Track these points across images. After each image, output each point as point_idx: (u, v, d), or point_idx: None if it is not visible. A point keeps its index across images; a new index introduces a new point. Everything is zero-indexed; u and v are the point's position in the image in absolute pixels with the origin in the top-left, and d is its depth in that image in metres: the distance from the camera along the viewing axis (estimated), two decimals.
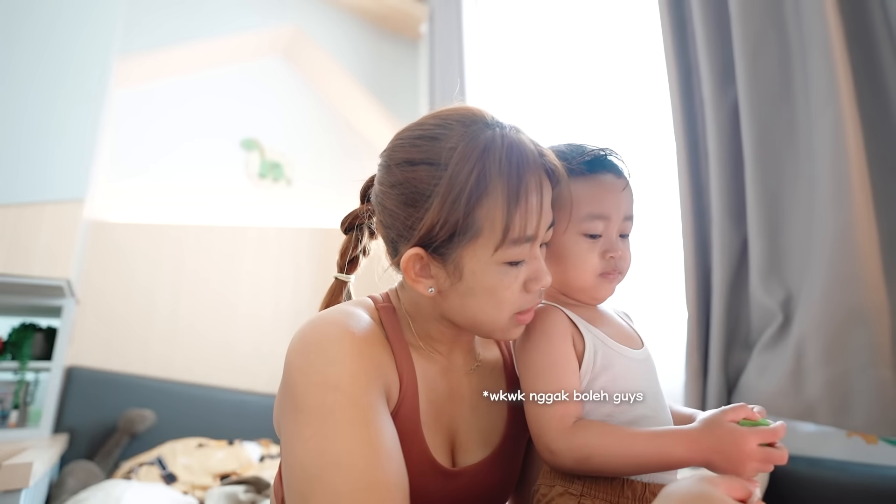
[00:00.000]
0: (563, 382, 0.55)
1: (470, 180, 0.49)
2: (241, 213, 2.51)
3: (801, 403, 0.96)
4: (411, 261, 0.53)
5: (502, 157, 0.50)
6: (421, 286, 0.54)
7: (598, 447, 0.51)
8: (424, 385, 0.58)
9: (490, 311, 0.53)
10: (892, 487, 0.91)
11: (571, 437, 0.52)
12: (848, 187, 0.91)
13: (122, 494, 1.39)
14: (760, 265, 1.08)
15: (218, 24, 2.45)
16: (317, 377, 0.49)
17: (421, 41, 2.95)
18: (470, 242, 0.51)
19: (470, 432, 0.61)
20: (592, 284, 0.60)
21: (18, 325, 1.90)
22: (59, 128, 1.78)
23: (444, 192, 0.50)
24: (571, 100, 1.80)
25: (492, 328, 0.55)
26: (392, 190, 0.54)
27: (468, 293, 0.53)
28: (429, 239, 0.51)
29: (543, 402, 0.54)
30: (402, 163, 0.54)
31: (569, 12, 1.87)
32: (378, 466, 0.45)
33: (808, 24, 1.01)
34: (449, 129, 0.53)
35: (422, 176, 0.52)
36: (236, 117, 2.63)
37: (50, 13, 1.85)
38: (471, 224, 0.50)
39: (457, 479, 0.57)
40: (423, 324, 0.60)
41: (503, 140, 0.51)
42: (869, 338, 0.88)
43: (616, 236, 0.61)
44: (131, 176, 2.32)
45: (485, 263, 0.51)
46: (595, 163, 0.61)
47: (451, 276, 0.53)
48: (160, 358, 2.14)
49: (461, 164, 0.49)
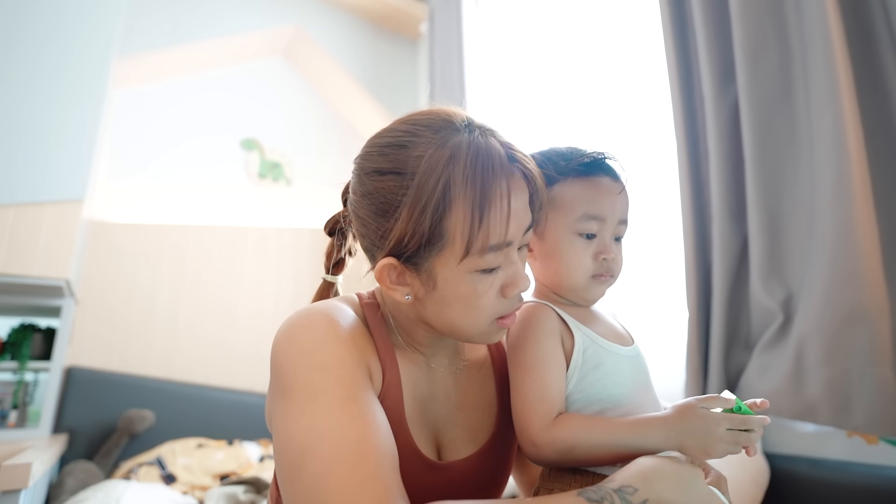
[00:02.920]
0: (548, 379, 0.57)
1: (437, 191, 0.49)
2: (241, 213, 2.51)
3: (802, 403, 0.95)
4: (385, 270, 0.53)
5: (467, 166, 0.49)
6: (397, 294, 0.54)
7: (579, 438, 0.53)
8: (408, 383, 0.58)
9: (468, 317, 0.53)
10: (892, 487, 0.91)
11: (554, 430, 0.54)
12: (848, 186, 0.91)
13: (122, 495, 1.39)
14: (761, 265, 1.08)
15: (218, 25, 2.45)
16: (303, 360, 0.50)
17: (421, 41, 2.95)
18: (440, 252, 0.51)
19: (456, 431, 0.61)
20: (584, 285, 0.61)
21: (18, 325, 1.89)
22: (58, 128, 1.78)
23: (411, 203, 0.49)
24: (572, 99, 1.80)
25: (471, 333, 0.55)
26: (364, 199, 0.55)
27: (443, 302, 0.53)
28: (400, 249, 0.51)
29: (529, 398, 0.56)
30: (372, 172, 0.54)
31: (569, 12, 1.86)
32: (367, 437, 0.46)
33: (808, 23, 1.01)
34: (417, 135, 0.52)
35: (390, 186, 0.51)
36: (236, 117, 2.63)
37: (50, 13, 1.85)
38: (440, 234, 0.50)
39: (444, 472, 0.58)
40: (405, 326, 0.60)
41: (469, 147, 0.50)
42: (869, 337, 0.88)
43: (610, 239, 0.62)
44: (131, 176, 2.32)
45: (457, 272, 0.51)
46: (592, 165, 0.62)
47: (425, 285, 0.53)
48: (160, 358, 2.14)
49: (427, 174, 0.49)
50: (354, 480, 0.43)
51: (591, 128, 1.72)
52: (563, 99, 1.84)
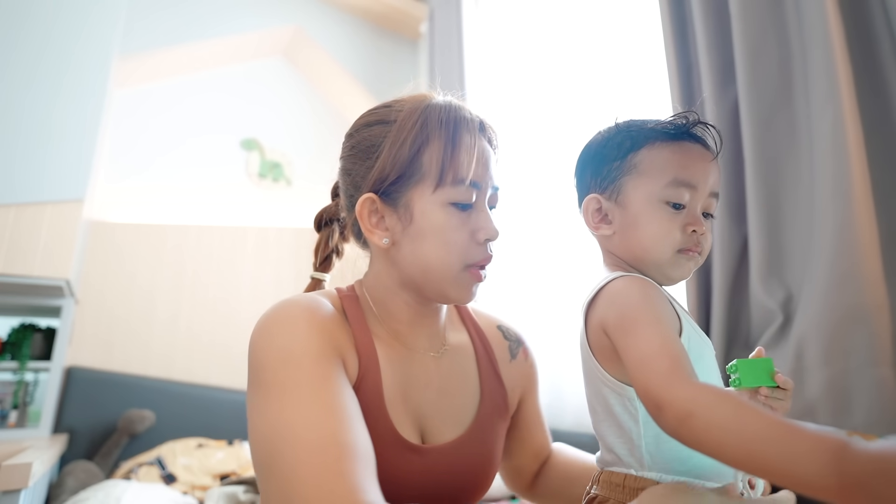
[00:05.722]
0: (668, 335, 0.47)
1: (415, 129, 0.57)
2: (241, 214, 2.51)
3: (802, 403, 0.95)
4: (365, 205, 0.59)
5: (443, 111, 0.58)
6: (376, 237, 0.59)
7: (705, 405, 0.40)
8: (387, 369, 0.59)
9: (441, 254, 0.57)
10: None
11: (680, 386, 0.43)
12: (848, 186, 0.91)
13: (122, 495, 1.39)
14: (760, 265, 1.08)
15: (218, 25, 2.45)
16: (275, 353, 0.52)
17: (421, 41, 2.95)
18: (417, 184, 0.57)
19: (438, 415, 0.62)
20: (669, 260, 0.55)
21: (18, 325, 1.90)
22: (58, 128, 1.78)
23: (392, 139, 0.58)
24: (572, 99, 1.80)
25: (443, 276, 0.57)
26: (351, 151, 0.62)
27: (419, 236, 0.57)
28: (380, 183, 0.58)
29: (646, 353, 0.46)
30: (360, 127, 0.63)
31: (569, 11, 1.86)
32: (334, 427, 0.47)
33: (808, 23, 1.01)
34: (400, 100, 0.62)
35: (375, 132, 0.60)
36: (236, 117, 2.63)
37: (50, 13, 1.85)
38: (417, 167, 0.57)
39: (427, 456, 0.58)
40: (385, 299, 0.62)
41: (446, 101, 0.60)
42: (869, 337, 0.88)
43: (700, 212, 0.56)
44: (131, 176, 2.32)
45: (432, 203, 0.57)
46: (684, 129, 0.57)
47: (402, 220, 0.58)
48: (160, 358, 2.14)
49: (408, 117, 0.58)
50: (326, 474, 0.44)
51: (590, 127, 1.71)
52: (563, 98, 1.84)
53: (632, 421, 0.52)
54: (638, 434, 0.51)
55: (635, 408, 0.52)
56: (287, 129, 2.76)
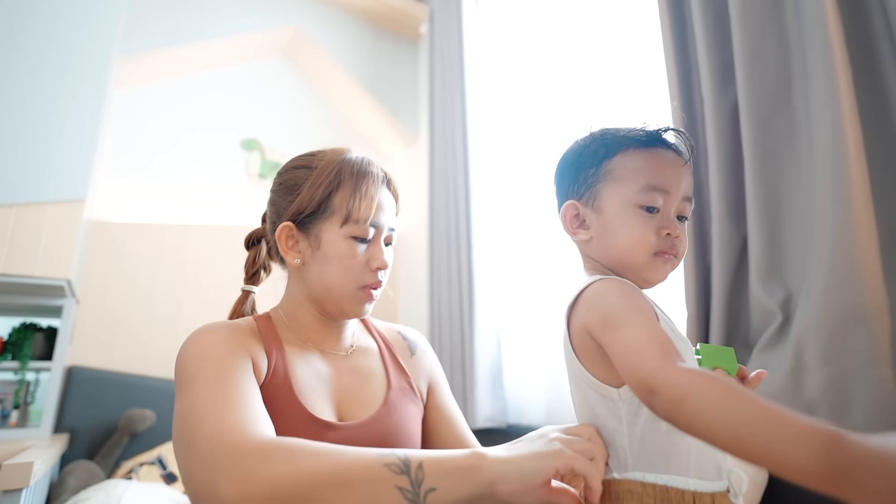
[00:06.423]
0: (655, 327, 0.49)
1: (330, 176, 0.71)
2: (241, 213, 2.51)
3: (801, 403, 0.95)
4: (284, 230, 0.72)
5: (354, 166, 0.72)
6: (290, 256, 0.72)
7: (696, 388, 0.42)
8: (299, 364, 0.70)
9: (341, 277, 0.69)
10: None
11: (673, 370, 0.44)
12: (847, 187, 0.91)
13: (123, 494, 1.39)
14: (760, 265, 1.08)
15: (218, 25, 2.45)
16: (191, 356, 0.61)
17: (421, 41, 2.95)
18: (327, 219, 0.70)
19: (353, 401, 0.72)
20: (645, 263, 0.57)
21: (19, 325, 1.90)
22: (59, 128, 1.78)
23: (311, 182, 0.71)
24: (571, 99, 1.80)
25: (342, 295, 0.70)
26: (279, 187, 0.76)
27: (324, 260, 0.70)
28: (298, 214, 0.71)
29: (634, 344, 0.47)
30: (289, 169, 0.76)
31: (569, 12, 1.87)
32: (230, 415, 0.53)
33: (808, 23, 1.01)
34: (323, 152, 0.75)
35: (299, 175, 0.74)
36: (237, 117, 2.63)
37: (50, 13, 1.85)
38: (328, 206, 0.70)
39: (344, 431, 0.67)
40: (296, 312, 0.75)
41: (358, 157, 0.74)
42: (868, 337, 0.88)
43: (674, 215, 0.58)
44: (132, 176, 2.32)
45: (337, 235, 0.69)
46: (656, 136, 0.59)
47: (311, 246, 0.71)
48: (160, 358, 2.14)
49: (326, 166, 0.72)
50: (219, 423, 0.52)
51: (591, 127, 1.71)
52: (562, 99, 1.84)
53: (616, 421, 0.54)
54: (621, 434, 0.53)
55: (618, 408, 0.53)
56: (287, 129, 2.76)
